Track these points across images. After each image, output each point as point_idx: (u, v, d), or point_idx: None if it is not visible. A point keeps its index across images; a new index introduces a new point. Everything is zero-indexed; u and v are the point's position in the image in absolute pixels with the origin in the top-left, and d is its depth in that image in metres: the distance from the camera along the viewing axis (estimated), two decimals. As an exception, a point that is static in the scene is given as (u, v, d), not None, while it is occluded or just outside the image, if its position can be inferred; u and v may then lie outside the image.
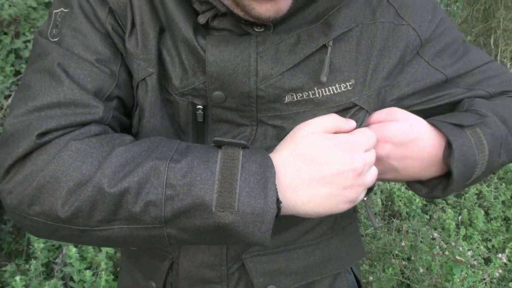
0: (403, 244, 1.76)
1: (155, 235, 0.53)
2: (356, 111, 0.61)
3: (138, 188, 0.51)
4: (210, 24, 0.59)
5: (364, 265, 1.81)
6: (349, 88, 0.60)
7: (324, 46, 0.58)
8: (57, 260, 1.70)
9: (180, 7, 0.59)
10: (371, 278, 1.76)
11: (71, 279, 1.69)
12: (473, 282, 1.85)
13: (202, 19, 0.59)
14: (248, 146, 0.55)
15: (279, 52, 0.59)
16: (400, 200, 2.20)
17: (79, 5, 0.60)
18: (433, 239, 1.98)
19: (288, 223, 0.66)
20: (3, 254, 1.83)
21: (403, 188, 2.21)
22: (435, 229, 2.09)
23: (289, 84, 0.59)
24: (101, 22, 0.60)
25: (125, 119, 0.63)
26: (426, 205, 2.27)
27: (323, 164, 0.54)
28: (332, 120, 0.58)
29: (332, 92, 0.59)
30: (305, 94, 0.59)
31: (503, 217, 2.22)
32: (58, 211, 0.51)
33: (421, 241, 1.97)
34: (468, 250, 1.94)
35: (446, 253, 1.77)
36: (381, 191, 2.24)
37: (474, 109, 0.65)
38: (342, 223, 0.72)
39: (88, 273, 1.67)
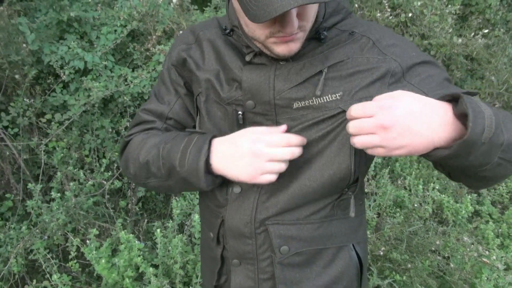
0: (438, 243, 2.22)
1: (169, 184, 0.84)
2: (343, 115, 0.76)
3: (152, 161, 0.83)
4: (253, 60, 0.80)
5: (405, 255, 2.30)
6: (338, 98, 0.76)
7: (321, 71, 0.76)
8: (187, 223, 2.32)
9: (229, 57, 0.83)
10: (409, 265, 2.25)
11: (194, 236, 2.22)
12: (503, 284, 2.22)
13: (247, 58, 0.81)
14: (205, 133, 0.81)
15: (289, 74, 0.77)
16: (449, 211, 2.62)
17: (165, 64, 0.92)
18: (472, 244, 2.38)
19: (299, 204, 0.82)
20: (156, 215, 2.52)
21: (451, 201, 2.63)
22: (476, 236, 2.47)
23: (295, 95, 0.77)
24: (169, 75, 0.92)
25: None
26: (472, 217, 2.65)
27: (237, 147, 0.76)
28: (266, 128, 0.77)
29: (325, 100, 0.76)
30: (307, 102, 0.77)
31: (540, 234, 2.52)
32: (128, 173, 0.90)
33: (462, 244, 2.37)
34: (502, 257, 2.30)
35: (475, 254, 2.19)
36: (433, 201, 2.68)
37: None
38: (341, 212, 0.86)
39: (205, 233, 2.25)
